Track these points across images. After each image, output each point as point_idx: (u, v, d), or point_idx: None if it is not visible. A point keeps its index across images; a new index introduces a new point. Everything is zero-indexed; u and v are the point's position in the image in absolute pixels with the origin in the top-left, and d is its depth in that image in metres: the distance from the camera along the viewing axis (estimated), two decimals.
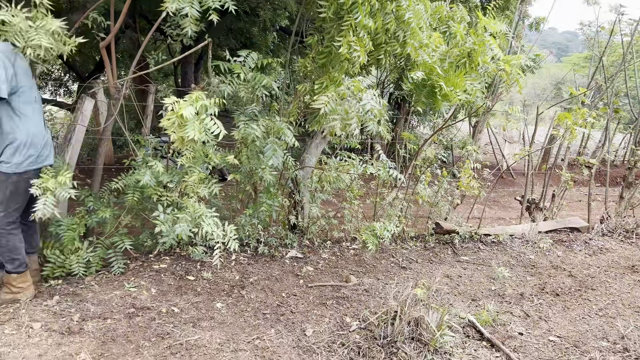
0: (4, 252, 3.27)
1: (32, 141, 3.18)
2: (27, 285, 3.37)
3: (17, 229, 3.31)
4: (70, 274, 3.74)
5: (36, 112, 3.25)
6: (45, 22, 3.04)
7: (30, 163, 3.18)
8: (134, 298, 3.51)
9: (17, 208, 3.26)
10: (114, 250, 3.93)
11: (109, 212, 3.90)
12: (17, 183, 3.17)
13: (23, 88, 3.12)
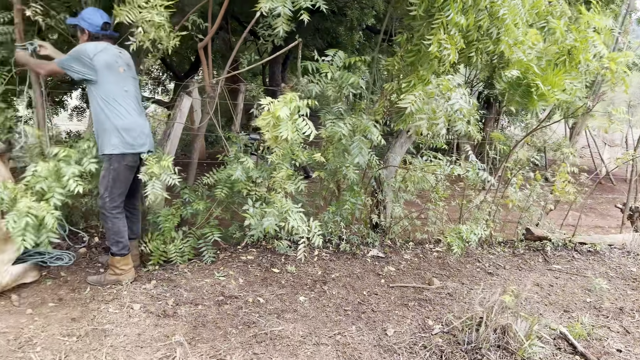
0: (110, 235, 3.58)
1: (125, 127, 3.44)
2: (129, 268, 3.65)
3: (122, 213, 3.60)
4: (167, 261, 4.00)
5: (128, 102, 3.50)
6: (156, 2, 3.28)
7: (126, 146, 3.45)
8: (223, 287, 3.69)
9: (120, 194, 3.55)
10: (204, 241, 4.15)
11: (202, 205, 4.12)
12: (118, 169, 3.47)
13: (105, 80, 3.41)
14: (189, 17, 4.07)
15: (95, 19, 3.44)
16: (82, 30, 3.48)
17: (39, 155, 3.63)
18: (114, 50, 3.52)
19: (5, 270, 3.29)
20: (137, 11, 3.29)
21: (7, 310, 3.16)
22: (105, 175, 3.49)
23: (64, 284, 3.59)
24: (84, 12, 3.48)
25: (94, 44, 3.43)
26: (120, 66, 3.50)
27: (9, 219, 2.97)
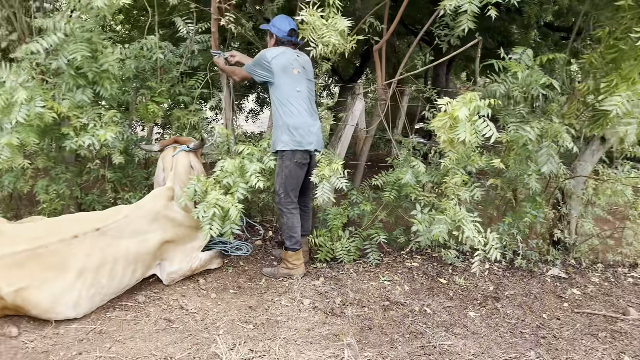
0: (285, 229, 3.75)
1: (294, 126, 3.58)
2: (300, 263, 3.78)
3: (297, 209, 3.76)
4: (334, 260, 4.07)
5: (300, 103, 3.63)
6: (335, 21, 3.35)
7: (294, 144, 3.59)
8: (388, 291, 3.63)
9: (293, 189, 3.70)
10: (369, 242, 4.14)
11: (369, 207, 4.11)
12: (290, 167, 3.62)
13: (280, 82, 3.60)
14: (365, 20, 4.09)
15: (283, 26, 3.68)
16: (271, 34, 3.75)
17: (226, 152, 3.96)
18: (292, 54, 3.69)
19: (195, 256, 3.63)
20: (316, 33, 3.39)
21: (196, 292, 3.49)
22: (279, 172, 3.68)
23: (242, 273, 3.86)
24: (275, 19, 3.74)
25: (274, 49, 3.67)
26: (295, 68, 3.66)
27: (200, 208, 3.26)
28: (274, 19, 3.75)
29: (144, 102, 4.12)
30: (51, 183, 4.09)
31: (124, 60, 3.91)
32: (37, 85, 3.48)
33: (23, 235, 2.92)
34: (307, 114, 3.68)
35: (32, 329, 2.90)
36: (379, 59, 4.23)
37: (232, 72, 3.96)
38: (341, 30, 3.41)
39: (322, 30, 3.37)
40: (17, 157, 3.57)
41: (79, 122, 3.60)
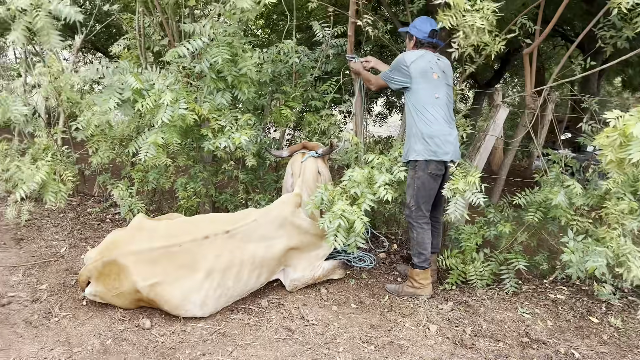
0: (413, 245, 3.51)
1: (430, 135, 3.33)
2: (427, 283, 3.51)
3: (428, 224, 3.50)
4: (465, 283, 3.74)
5: (437, 110, 3.38)
6: (482, 5, 3.05)
7: (429, 154, 3.33)
8: (527, 326, 3.21)
9: (425, 202, 3.44)
10: (507, 267, 3.72)
11: (508, 227, 3.70)
12: (422, 178, 3.37)
13: (418, 87, 3.38)
14: (517, 20, 3.69)
15: (424, 27, 3.47)
16: (411, 36, 3.56)
17: (354, 160, 3.82)
18: (431, 57, 3.45)
19: (319, 265, 3.55)
20: (460, 15, 3.11)
21: (317, 302, 3.39)
22: (410, 183, 3.44)
23: (365, 287, 3.69)
24: (416, 20, 3.54)
25: (412, 53, 3.46)
26: (435, 72, 3.41)
27: (326, 218, 3.15)
28: (415, 20, 3.55)
29: (277, 107, 4.14)
30: (189, 181, 4.29)
31: (261, 65, 3.96)
32: (182, 88, 3.64)
33: (160, 232, 3.05)
34: (444, 122, 3.41)
35: (163, 323, 3.02)
36: (529, 64, 3.80)
37: (368, 79, 3.81)
38: (487, 17, 3.09)
39: (466, 15, 3.09)
40: (161, 155, 3.78)
41: (217, 124, 3.70)
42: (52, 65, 3.94)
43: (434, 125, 3.36)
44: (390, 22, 5.12)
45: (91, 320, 2.98)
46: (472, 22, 3.07)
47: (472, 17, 3.07)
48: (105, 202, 5.00)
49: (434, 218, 3.70)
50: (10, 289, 3.27)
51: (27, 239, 4.04)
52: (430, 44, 3.51)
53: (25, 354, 2.61)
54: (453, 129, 3.49)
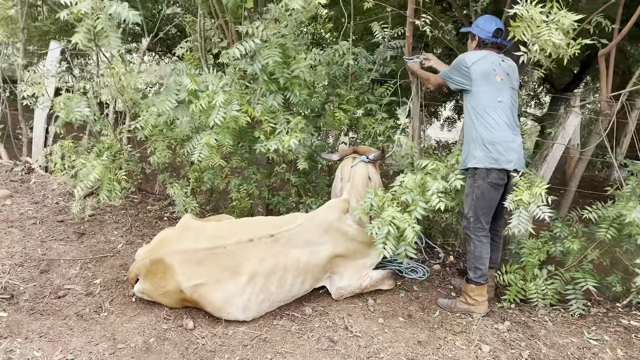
0: (470, 259, 3.30)
1: (491, 141, 3.12)
2: (482, 300, 3.29)
3: (487, 237, 3.28)
4: (525, 301, 3.47)
5: (499, 114, 3.16)
6: (559, 16, 2.79)
7: (490, 161, 3.12)
8: (593, 354, 2.91)
9: (484, 214, 3.22)
10: (573, 287, 3.41)
11: (576, 244, 3.39)
12: (482, 187, 3.16)
13: (479, 90, 3.17)
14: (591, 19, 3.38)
15: (488, 26, 3.27)
16: (473, 37, 3.37)
17: (409, 165, 3.65)
18: (495, 58, 3.23)
19: (366, 274, 3.42)
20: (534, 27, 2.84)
21: (362, 312, 3.27)
22: (469, 192, 3.24)
23: (415, 299, 3.52)
24: (479, 19, 3.35)
25: (474, 53, 3.27)
26: (498, 74, 3.18)
27: (374, 225, 3.02)
28: (478, 19, 3.35)
29: (331, 110, 4.05)
30: (243, 182, 4.30)
31: (316, 67, 3.90)
32: (235, 90, 3.65)
33: (206, 233, 3.05)
34: (508, 128, 3.17)
35: (206, 325, 3.01)
36: (604, 67, 3.47)
37: (427, 79, 3.64)
38: (565, 29, 2.82)
39: (541, 27, 2.82)
40: (214, 156, 3.80)
41: (270, 126, 3.67)
42: (116, 67, 4.08)
43: (496, 130, 3.14)
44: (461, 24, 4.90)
45: (138, 318, 3.02)
46: (548, 36, 2.79)
47: (549, 29, 2.80)
48: (165, 200, 5.13)
49: (494, 231, 3.46)
50: (67, 282, 3.40)
51: (88, 234, 4.21)
52: (495, 45, 3.29)
53: (73, 346, 2.68)
54: (517, 135, 3.24)
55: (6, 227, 4.13)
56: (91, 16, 3.29)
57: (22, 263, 3.56)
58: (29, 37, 6.53)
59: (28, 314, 2.97)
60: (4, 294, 3.12)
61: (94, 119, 4.52)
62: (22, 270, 3.47)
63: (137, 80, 4.07)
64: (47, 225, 4.26)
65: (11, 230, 4.08)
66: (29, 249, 3.78)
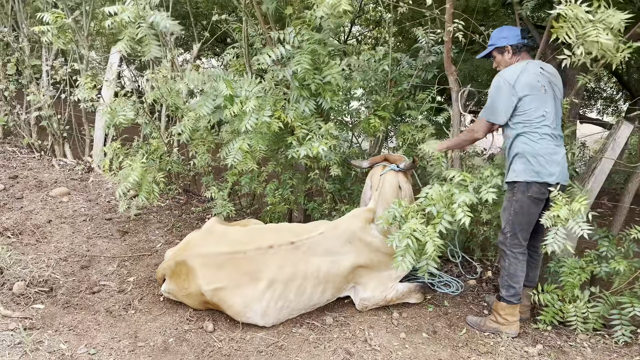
0: (503, 275, 3.13)
1: (533, 153, 2.93)
2: (513, 320, 3.11)
3: (524, 255, 3.09)
4: (563, 324, 3.24)
5: (543, 126, 2.95)
6: (606, 15, 2.58)
7: (530, 174, 2.93)
8: None
9: (522, 230, 3.04)
10: (619, 312, 3.14)
11: (624, 265, 3.13)
12: (521, 201, 2.98)
13: (525, 104, 2.96)
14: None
15: (511, 31, 3.10)
16: (502, 49, 3.14)
17: (438, 175, 3.51)
18: (534, 67, 3.02)
19: (392, 286, 3.33)
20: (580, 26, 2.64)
21: (385, 325, 3.18)
22: (507, 206, 3.06)
23: (443, 315, 3.38)
24: (496, 32, 3.17)
25: (511, 69, 3.03)
26: (542, 85, 2.97)
27: (395, 236, 2.93)
28: (494, 33, 3.18)
29: (366, 116, 3.99)
30: (279, 187, 4.33)
31: (351, 72, 3.85)
32: (271, 95, 3.68)
33: (228, 238, 3.09)
34: (550, 139, 2.96)
35: (225, 328, 3.05)
36: None
37: (463, 142, 3.34)
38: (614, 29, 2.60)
39: (587, 26, 2.62)
40: (248, 161, 3.85)
41: (302, 132, 3.67)
42: (160, 72, 4.24)
43: (538, 142, 2.94)
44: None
45: (162, 317, 3.11)
46: (595, 36, 2.58)
47: (596, 29, 2.59)
48: (208, 202, 5.26)
49: (533, 247, 3.26)
50: (104, 278, 3.56)
51: (131, 232, 4.40)
52: (526, 47, 3.12)
53: (97, 341, 2.80)
54: (560, 147, 3.03)
55: (59, 223, 4.41)
56: (133, 25, 3.45)
57: (66, 258, 3.78)
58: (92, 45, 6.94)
59: (63, 307, 3.14)
60: (44, 286, 3.32)
61: (145, 122, 4.74)
62: (65, 264, 3.68)
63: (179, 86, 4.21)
64: (96, 223, 4.50)
65: (63, 226, 4.34)
66: (75, 245, 4.01)
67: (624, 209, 3.60)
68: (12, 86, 6.19)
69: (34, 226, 4.23)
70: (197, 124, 4.11)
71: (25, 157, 6.25)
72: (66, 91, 6.07)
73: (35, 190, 5.14)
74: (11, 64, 6.14)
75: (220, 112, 3.83)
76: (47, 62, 6.05)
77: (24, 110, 6.23)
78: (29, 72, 6.11)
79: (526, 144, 2.96)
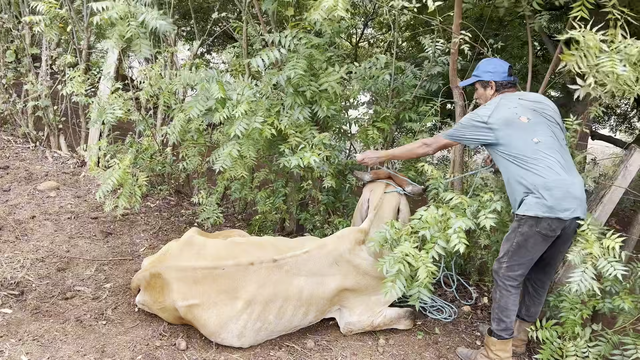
0: (494, 308, 2.92)
1: (545, 186, 2.66)
2: (506, 357, 2.90)
3: (517, 289, 2.88)
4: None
5: (544, 155, 2.70)
6: (624, 44, 2.37)
7: (542, 209, 2.66)
8: None
9: (521, 264, 2.81)
10: (622, 353, 2.92)
11: (629, 302, 2.91)
12: (527, 235, 2.73)
13: (508, 139, 2.77)
14: None
15: (499, 67, 2.95)
16: (485, 84, 3.01)
17: (435, 196, 3.30)
18: (509, 101, 2.84)
19: (380, 312, 3.13)
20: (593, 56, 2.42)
21: (370, 353, 2.99)
22: (510, 237, 2.82)
23: (433, 344, 3.18)
24: (482, 64, 3.02)
25: (485, 107, 2.89)
26: (522, 116, 2.76)
27: (386, 260, 2.73)
28: (481, 64, 3.03)
29: (364, 127, 3.80)
30: (271, 195, 4.15)
31: (349, 80, 3.66)
32: (263, 100, 3.50)
33: (207, 252, 2.90)
34: (561, 169, 2.70)
35: (199, 347, 2.87)
36: None
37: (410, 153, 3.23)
38: (633, 60, 2.37)
39: (601, 57, 2.40)
40: (238, 167, 3.68)
41: (296, 140, 3.49)
42: (154, 68, 4.08)
43: (548, 174, 2.68)
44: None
45: (134, 330, 2.94)
46: (610, 67, 2.36)
47: (612, 59, 2.37)
48: (198, 205, 5.10)
49: (539, 282, 3.04)
50: (79, 283, 3.40)
51: (116, 234, 4.24)
52: (511, 84, 2.97)
53: (61, 354, 2.64)
54: (575, 177, 2.76)
55: (43, 219, 4.26)
56: (122, 23, 3.28)
57: (44, 258, 3.62)
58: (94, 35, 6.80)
59: (31, 313, 2.98)
60: (15, 289, 3.17)
61: (139, 119, 4.58)
62: (41, 266, 3.53)
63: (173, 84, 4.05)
64: (80, 221, 4.34)
65: (46, 223, 4.19)
66: (55, 245, 3.85)
67: (631, 241, 3.38)
68: (10, 74, 6.07)
69: (16, 222, 4.08)
70: (189, 126, 3.94)
71: (19, 147, 6.12)
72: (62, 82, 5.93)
73: (24, 183, 5.00)
74: (10, 51, 6.02)
75: (211, 114, 3.66)
76: (46, 51, 5.91)
77: (21, 99, 6.10)
78: (28, 60, 5.97)
79: (533, 175, 2.70)
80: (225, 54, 4.57)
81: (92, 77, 4.80)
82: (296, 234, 4.47)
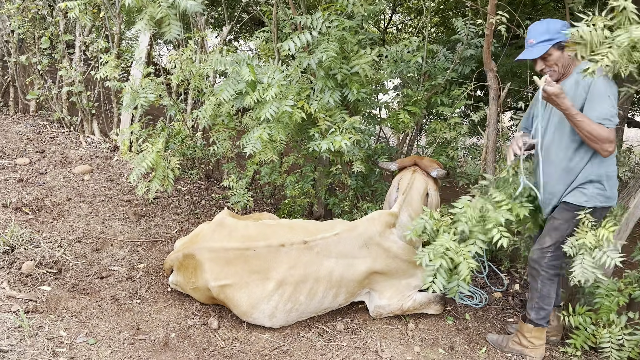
0: (534, 297, 2.84)
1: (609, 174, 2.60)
2: (539, 344, 2.86)
3: (558, 276, 2.82)
4: (595, 349, 2.97)
5: None
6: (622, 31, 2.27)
7: (603, 199, 2.61)
8: None
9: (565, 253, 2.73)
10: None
11: None
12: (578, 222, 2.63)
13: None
14: None
15: (559, 24, 2.58)
16: (562, 46, 2.55)
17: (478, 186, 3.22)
18: None
19: (409, 296, 3.12)
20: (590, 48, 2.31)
21: (399, 336, 2.99)
22: (562, 227, 2.69)
23: (463, 330, 3.16)
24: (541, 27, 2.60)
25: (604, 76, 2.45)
26: None
27: (426, 253, 2.69)
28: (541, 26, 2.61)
29: (394, 110, 3.76)
30: (300, 180, 4.16)
31: (380, 64, 3.62)
32: (294, 84, 3.49)
33: (238, 233, 2.93)
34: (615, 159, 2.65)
35: (230, 326, 2.92)
36: None
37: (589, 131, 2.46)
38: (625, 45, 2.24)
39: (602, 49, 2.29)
40: (268, 151, 3.69)
41: (326, 124, 3.48)
42: (185, 52, 4.10)
43: (612, 163, 2.61)
44: None
45: (167, 309, 3.01)
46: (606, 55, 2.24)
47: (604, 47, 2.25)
48: (228, 189, 5.14)
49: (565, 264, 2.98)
50: (114, 263, 3.48)
51: (148, 216, 4.32)
52: None
53: (98, 330, 2.71)
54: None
55: (78, 201, 4.36)
56: (153, 4, 3.30)
57: (80, 239, 3.72)
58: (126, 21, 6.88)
59: (69, 290, 3.07)
60: (53, 268, 3.26)
61: (170, 104, 4.63)
62: (77, 246, 3.62)
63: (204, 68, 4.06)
64: (114, 204, 4.43)
65: (81, 205, 4.29)
66: (90, 226, 3.95)
67: None
68: (45, 60, 6.20)
69: (53, 203, 4.19)
70: (219, 110, 3.97)
71: (54, 132, 6.27)
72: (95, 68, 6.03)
73: (60, 167, 5.12)
74: (45, 38, 6.14)
75: (242, 98, 3.67)
76: (80, 38, 6.02)
77: (56, 85, 6.23)
78: (62, 46, 6.09)
79: (599, 163, 2.58)
80: (254, 41, 4.53)
81: (125, 62, 4.86)
82: (324, 219, 4.48)
